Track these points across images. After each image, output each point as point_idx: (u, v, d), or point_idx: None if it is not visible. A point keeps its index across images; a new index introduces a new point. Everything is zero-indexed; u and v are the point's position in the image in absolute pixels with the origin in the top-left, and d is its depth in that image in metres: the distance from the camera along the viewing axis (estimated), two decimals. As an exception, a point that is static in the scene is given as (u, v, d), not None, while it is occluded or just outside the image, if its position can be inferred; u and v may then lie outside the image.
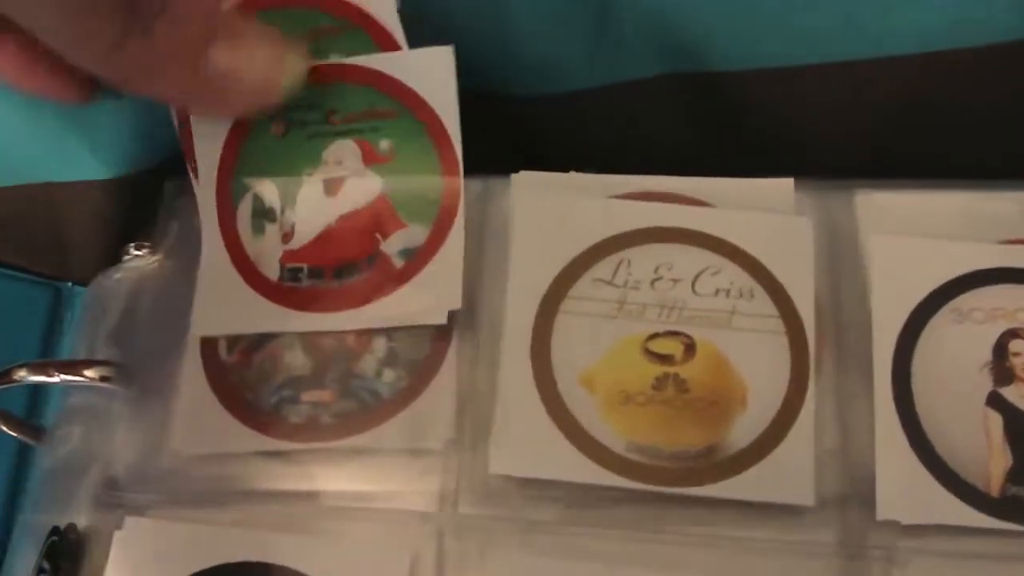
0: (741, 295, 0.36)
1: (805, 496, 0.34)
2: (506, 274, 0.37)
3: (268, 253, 0.37)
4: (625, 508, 0.35)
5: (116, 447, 0.38)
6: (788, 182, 0.37)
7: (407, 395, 0.36)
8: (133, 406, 0.38)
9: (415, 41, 0.37)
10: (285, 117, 0.38)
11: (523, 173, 0.38)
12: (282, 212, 0.37)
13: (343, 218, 0.37)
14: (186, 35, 0.33)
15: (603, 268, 0.36)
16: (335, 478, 0.36)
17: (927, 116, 0.41)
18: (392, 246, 0.37)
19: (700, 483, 0.34)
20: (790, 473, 0.34)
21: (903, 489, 0.34)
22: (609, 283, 0.36)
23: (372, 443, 0.35)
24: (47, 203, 0.41)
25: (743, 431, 0.34)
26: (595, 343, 0.35)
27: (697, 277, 0.36)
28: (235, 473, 0.36)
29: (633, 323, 0.35)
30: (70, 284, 0.48)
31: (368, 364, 0.36)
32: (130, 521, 0.35)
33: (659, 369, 0.35)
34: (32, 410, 0.44)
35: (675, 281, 0.36)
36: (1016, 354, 0.35)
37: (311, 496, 0.36)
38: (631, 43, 0.39)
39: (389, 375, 0.36)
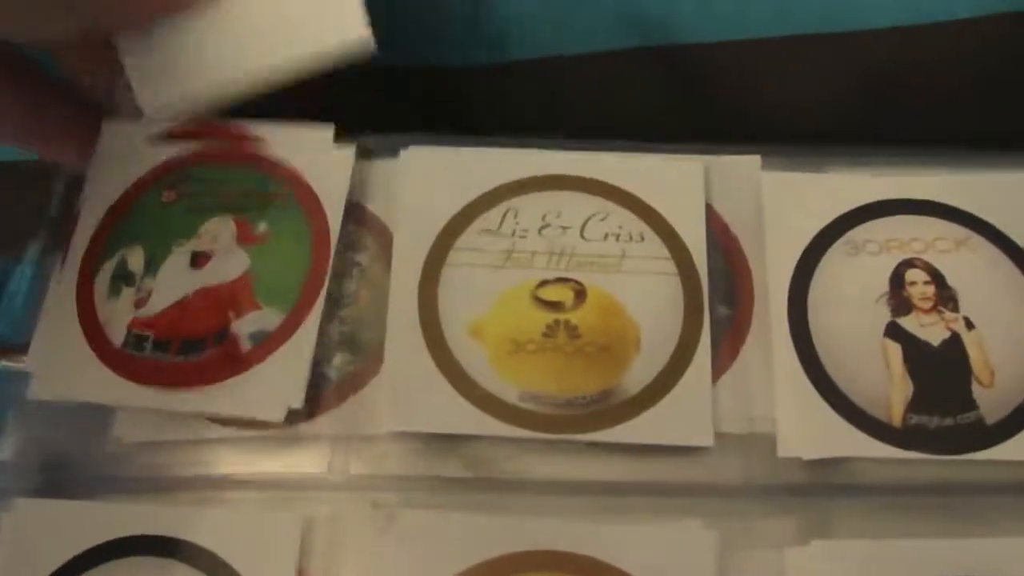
0: (631, 238, 0.35)
1: (704, 437, 0.33)
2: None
3: (118, 317, 0.36)
4: (522, 458, 0.33)
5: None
6: (698, 164, 0.36)
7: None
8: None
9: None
10: (178, 186, 0.37)
11: (413, 148, 0.37)
12: (142, 278, 0.36)
13: (201, 291, 0.36)
14: None
15: (489, 218, 0.35)
16: (225, 451, 0.34)
17: (899, 89, 0.41)
18: (244, 327, 0.35)
19: (596, 428, 0.33)
20: (688, 414, 0.33)
21: (803, 424, 0.33)
22: (496, 233, 0.35)
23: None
24: None
25: (638, 374, 0.33)
26: (483, 293, 0.34)
27: (586, 223, 0.35)
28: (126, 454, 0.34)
29: (522, 272, 0.35)
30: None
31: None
32: (19, 503, 0.34)
33: (549, 316, 0.34)
34: None
35: (564, 228, 0.35)
36: (912, 283, 0.34)
37: (200, 468, 0.34)
38: (600, 15, 0.39)
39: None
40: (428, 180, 0.36)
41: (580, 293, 0.34)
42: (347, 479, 0.34)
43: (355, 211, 0.37)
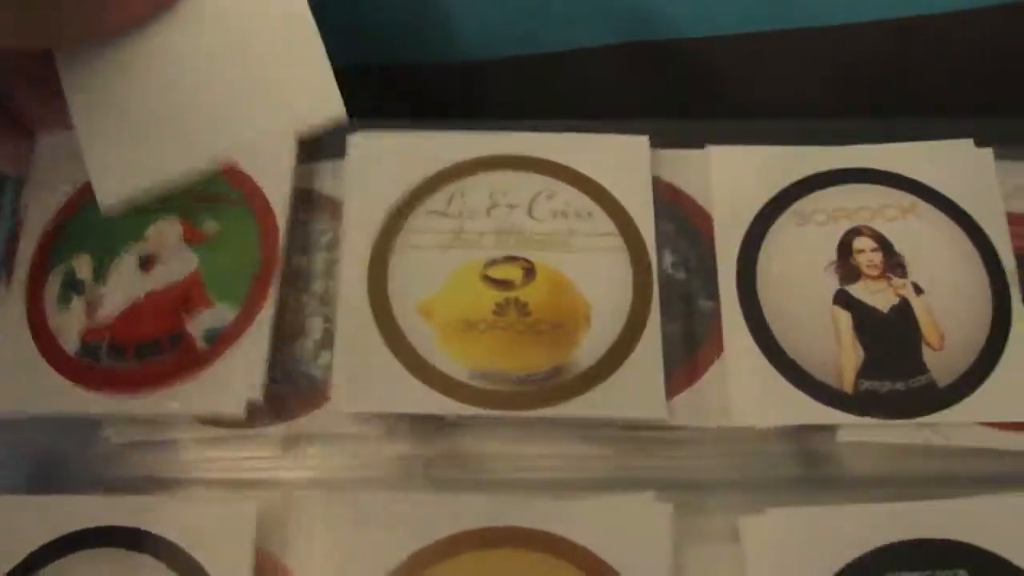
0: (578, 216, 0.35)
1: (657, 409, 0.32)
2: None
3: (70, 327, 0.35)
4: (478, 436, 0.33)
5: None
6: (643, 140, 0.37)
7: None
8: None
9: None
10: None
11: (360, 134, 0.37)
12: (92, 285, 0.36)
13: (152, 294, 0.35)
14: None
15: (437, 200, 0.35)
16: (171, 435, 0.34)
17: (891, 82, 0.41)
18: (198, 326, 0.35)
19: (549, 404, 0.33)
20: (640, 387, 0.33)
21: (756, 394, 0.33)
22: (444, 214, 0.35)
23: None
24: None
25: (590, 349, 0.33)
26: (433, 274, 0.34)
27: (533, 201, 0.35)
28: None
29: (470, 251, 0.35)
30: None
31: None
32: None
33: (499, 295, 0.34)
34: None
35: (511, 207, 0.35)
36: (860, 251, 0.35)
37: (149, 458, 0.34)
38: (589, 10, 0.39)
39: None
40: (375, 164, 0.36)
41: (529, 271, 0.34)
42: (304, 463, 0.33)
43: (331, 209, 0.37)
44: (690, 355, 0.33)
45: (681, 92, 0.42)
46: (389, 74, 0.43)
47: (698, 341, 0.34)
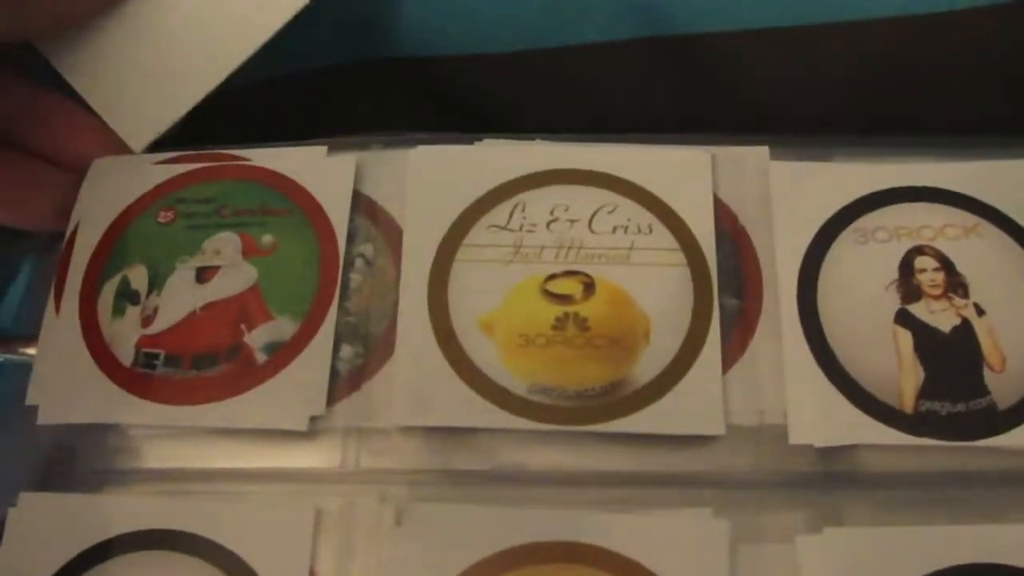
0: (639, 231, 0.35)
1: (715, 425, 0.33)
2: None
3: (124, 336, 0.36)
4: (533, 451, 0.33)
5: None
6: (706, 155, 0.37)
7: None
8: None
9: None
10: (176, 206, 0.37)
11: (422, 148, 0.37)
12: (147, 296, 0.36)
13: (209, 306, 0.36)
14: None
15: (497, 214, 0.36)
16: (234, 443, 0.34)
17: (902, 79, 0.40)
18: (257, 339, 0.35)
19: (607, 420, 0.33)
20: (698, 404, 0.33)
21: (815, 412, 0.33)
22: (504, 228, 0.35)
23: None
24: None
25: (648, 365, 0.33)
26: (493, 288, 0.35)
27: (593, 216, 0.35)
28: (131, 447, 0.35)
29: (530, 266, 0.35)
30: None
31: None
32: (24, 497, 0.34)
33: (559, 309, 0.34)
34: None
35: (572, 222, 0.35)
36: (922, 270, 0.34)
37: (214, 463, 0.34)
38: (602, 5, 0.39)
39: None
40: (437, 178, 0.36)
41: (589, 286, 0.34)
42: (358, 473, 0.34)
43: (360, 203, 0.37)
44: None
45: (695, 87, 0.42)
46: (397, 68, 0.43)
47: (723, 338, 0.34)
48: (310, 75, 0.43)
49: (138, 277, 0.36)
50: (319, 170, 0.37)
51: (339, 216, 0.36)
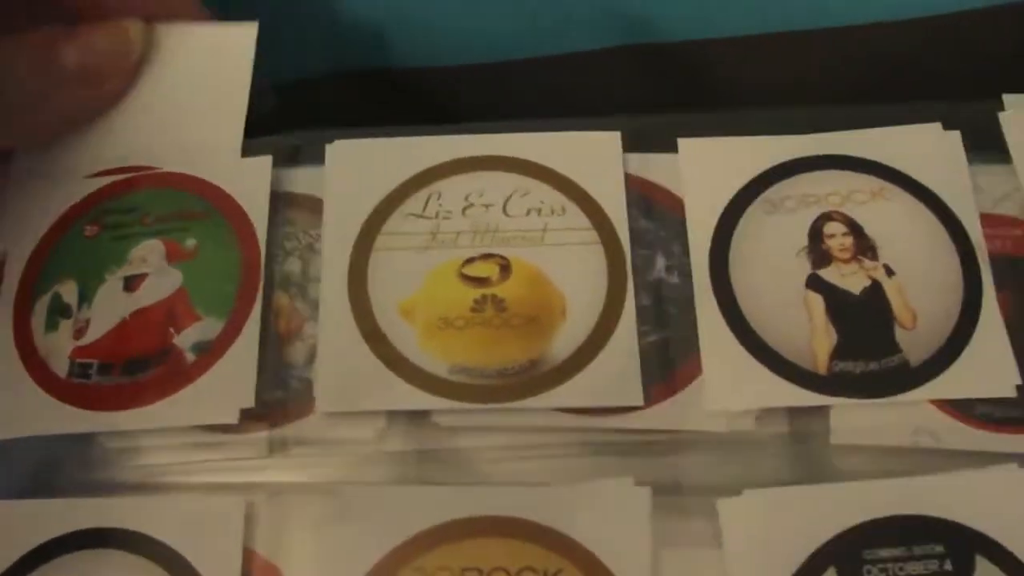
0: (552, 212, 0.36)
1: (634, 396, 0.33)
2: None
3: (59, 349, 0.36)
4: (458, 430, 0.34)
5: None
6: (614, 135, 0.37)
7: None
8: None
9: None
10: (100, 220, 0.38)
11: (338, 142, 0.38)
12: (78, 309, 0.36)
13: (137, 312, 0.36)
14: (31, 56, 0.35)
15: (414, 203, 0.36)
16: (159, 439, 0.35)
17: (890, 85, 0.41)
18: (185, 340, 0.35)
19: (527, 396, 0.33)
20: (617, 376, 0.33)
21: (730, 378, 0.33)
22: (421, 216, 0.36)
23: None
24: None
25: (566, 341, 0.34)
26: (411, 275, 0.35)
27: (508, 200, 0.36)
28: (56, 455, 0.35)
29: (447, 251, 0.35)
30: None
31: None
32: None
33: (477, 292, 0.35)
34: None
35: (487, 206, 0.36)
36: (831, 236, 0.35)
37: (139, 461, 0.35)
38: (583, 13, 0.40)
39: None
40: (354, 170, 0.37)
41: (505, 268, 0.35)
42: (289, 459, 0.34)
43: (299, 201, 0.38)
44: (689, 357, 0.34)
45: (678, 95, 0.42)
46: (376, 79, 0.43)
47: (695, 346, 0.35)
48: (285, 88, 0.44)
49: (69, 292, 0.37)
50: (235, 171, 0.37)
51: (258, 214, 0.36)
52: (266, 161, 0.37)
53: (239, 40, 0.39)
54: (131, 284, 0.37)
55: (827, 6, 0.38)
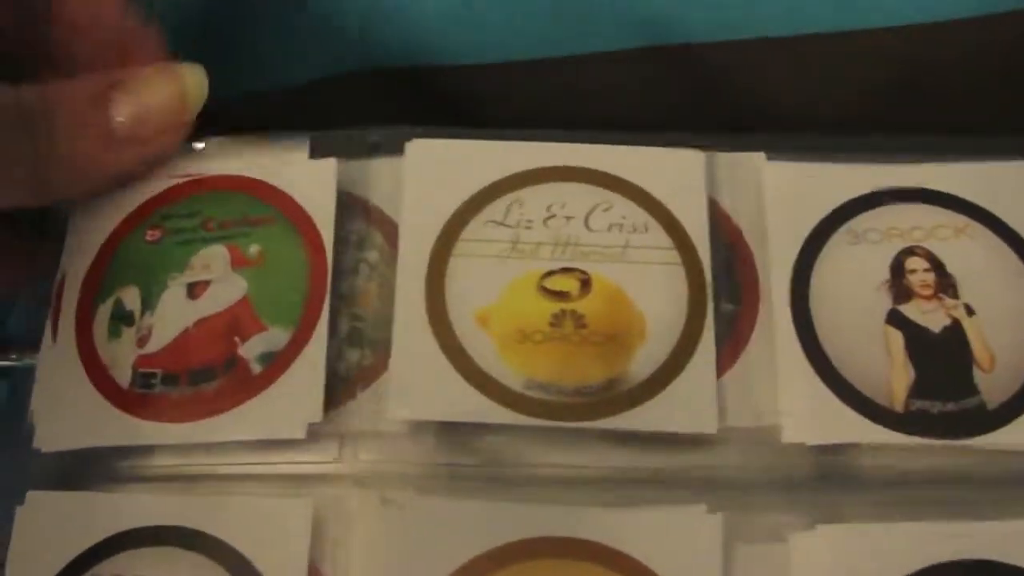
0: (635, 229, 0.35)
1: (708, 424, 0.33)
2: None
3: (122, 358, 0.35)
4: (529, 447, 0.34)
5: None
6: (699, 155, 0.37)
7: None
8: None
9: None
10: (161, 224, 0.37)
11: (418, 141, 0.37)
12: (141, 316, 0.36)
13: (202, 321, 0.35)
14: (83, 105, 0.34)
15: (495, 209, 0.36)
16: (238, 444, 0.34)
17: (913, 88, 0.41)
18: (251, 350, 0.35)
19: (602, 416, 0.33)
20: (692, 402, 0.33)
21: (807, 411, 0.33)
22: (501, 224, 0.35)
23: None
24: None
25: (644, 363, 0.34)
26: (490, 284, 0.35)
27: (590, 213, 0.36)
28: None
29: (527, 262, 0.35)
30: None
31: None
32: (32, 496, 0.34)
33: (556, 306, 0.34)
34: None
35: (568, 218, 0.36)
36: (912, 271, 0.35)
37: (209, 460, 0.34)
38: (607, 14, 0.39)
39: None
40: (434, 172, 0.36)
41: (586, 283, 0.35)
42: (356, 469, 0.34)
43: (360, 208, 0.37)
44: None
45: (701, 97, 0.42)
46: (398, 77, 0.43)
47: (718, 343, 0.35)
48: (306, 86, 0.43)
49: (131, 298, 0.36)
50: (301, 175, 0.37)
51: (324, 221, 0.36)
52: (330, 164, 0.37)
53: None
54: (194, 291, 0.36)
55: (857, 7, 0.38)
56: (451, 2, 0.40)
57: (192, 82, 0.36)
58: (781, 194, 0.36)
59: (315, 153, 0.38)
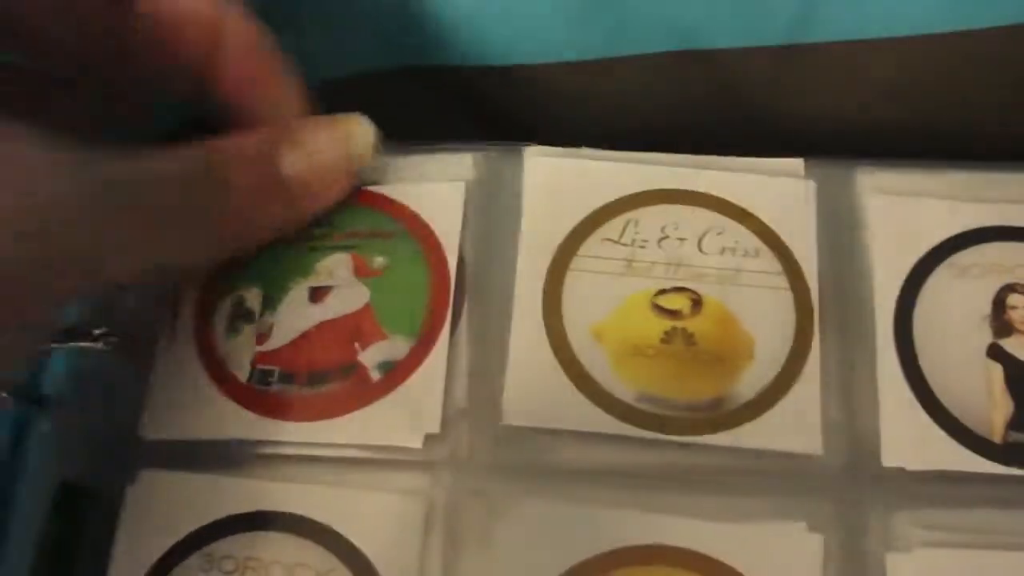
0: (747, 254, 0.36)
1: (812, 444, 0.34)
2: (513, 248, 0.38)
3: (240, 353, 0.36)
4: (637, 457, 0.35)
5: (122, 409, 0.37)
6: (798, 161, 0.38)
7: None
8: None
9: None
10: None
11: (534, 147, 0.39)
12: (261, 314, 0.37)
13: (323, 324, 0.37)
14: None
15: (611, 228, 0.37)
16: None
17: (938, 96, 0.41)
18: (371, 357, 0.36)
19: (709, 432, 0.34)
20: (797, 422, 0.35)
21: (908, 437, 0.35)
22: (617, 242, 0.37)
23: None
24: None
25: (750, 383, 0.35)
26: (605, 299, 0.36)
27: (703, 236, 0.37)
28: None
29: (642, 280, 0.36)
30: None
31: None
32: (144, 475, 0.35)
33: (667, 323, 0.36)
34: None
35: (681, 240, 0.37)
36: (1014, 307, 0.36)
37: (323, 452, 0.36)
38: (633, 18, 0.40)
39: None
40: (554, 187, 0.38)
41: (697, 303, 0.36)
42: (466, 470, 0.35)
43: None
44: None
45: (729, 103, 0.43)
46: (431, 76, 0.43)
47: None
48: (343, 84, 0.44)
49: (253, 297, 0.38)
50: (431, 195, 0.38)
51: (450, 239, 0.37)
52: (459, 187, 0.38)
53: None
54: (316, 295, 0.37)
55: (883, 15, 0.38)
56: (483, 3, 0.40)
57: (358, 133, 0.37)
58: (886, 227, 0.37)
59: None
